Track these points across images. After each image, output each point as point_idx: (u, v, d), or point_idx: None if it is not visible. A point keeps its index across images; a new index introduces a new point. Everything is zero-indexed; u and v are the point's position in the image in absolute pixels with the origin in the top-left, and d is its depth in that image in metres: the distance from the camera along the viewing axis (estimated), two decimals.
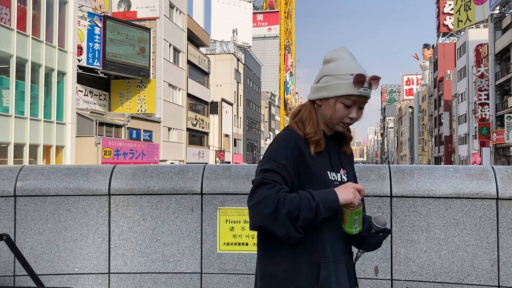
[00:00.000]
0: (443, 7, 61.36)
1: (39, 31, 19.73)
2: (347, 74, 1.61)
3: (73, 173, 3.06)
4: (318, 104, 1.69)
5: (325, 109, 1.67)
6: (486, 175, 2.83)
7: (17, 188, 3.00)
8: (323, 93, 1.66)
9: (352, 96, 1.61)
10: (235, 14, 60.79)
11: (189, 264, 2.92)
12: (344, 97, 1.62)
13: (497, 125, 38.87)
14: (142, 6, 31.01)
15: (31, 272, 2.36)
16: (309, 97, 1.73)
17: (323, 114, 1.68)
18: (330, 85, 1.64)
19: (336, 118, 1.65)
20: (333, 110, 1.64)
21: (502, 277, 2.77)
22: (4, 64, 18.07)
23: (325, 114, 1.67)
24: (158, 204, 2.96)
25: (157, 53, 30.51)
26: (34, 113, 19.40)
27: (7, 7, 17.96)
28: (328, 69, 1.67)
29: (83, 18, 25.50)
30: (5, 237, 2.28)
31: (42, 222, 2.99)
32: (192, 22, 38.10)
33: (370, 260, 2.86)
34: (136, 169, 3.08)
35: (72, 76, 22.01)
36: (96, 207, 2.99)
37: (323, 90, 1.66)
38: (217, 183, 2.92)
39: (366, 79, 1.60)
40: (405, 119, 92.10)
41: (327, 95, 1.64)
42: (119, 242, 2.97)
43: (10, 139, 18.00)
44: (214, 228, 2.92)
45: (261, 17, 77.93)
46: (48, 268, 2.97)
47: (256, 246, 2.96)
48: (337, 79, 1.63)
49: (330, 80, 1.64)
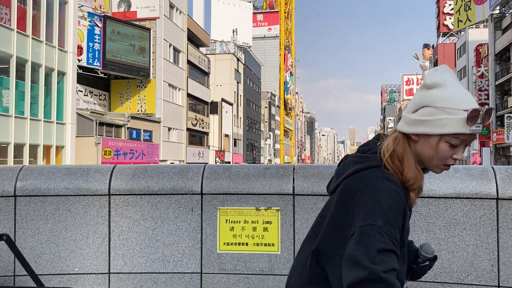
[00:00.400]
0: (443, 7, 61.33)
1: (39, 31, 19.74)
2: (459, 109, 1.29)
3: (73, 173, 3.06)
4: (414, 140, 1.37)
5: (424, 147, 1.36)
6: (486, 175, 2.83)
7: (17, 188, 3.00)
8: (424, 129, 1.34)
9: (462, 135, 1.31)
10: (235, 14, 60.78)
11: (189, 264, 2.92)
12: (452, 135, 1.31)
13: (497, 125, 38.89)
14: (142, 6, 31.01)
15: (31, 272, 2.36)
16: (402, 129, 1.39)
17: (420, 152, 1.37)
18: (435, 120, 1.32)
19: (438, 160, 1.35)
20: (436, 151, 1.34)
21: (502, 277, 2.77)
22: (4, 64, 18.07)
23: (423, 153, 1.36)
24: (158, 204, 2.96)
25: (157, 53, 30.52)
26: (34, 113, 19.40)
27: (7, 7, 17.95)
28: (432, 98, 1.33)
29: (83, 18, 25.50)
30: (5, 237, 2.28)
31: (42, 222, 2.99)
32: (192, 22, 38.10)
33: None
34: (136, 169, 3.08)
35: (72, 76, 22.01)
36: (96, 207, 2.99)
37: (424, 125, 1.34)
38: (217, 183, 2.92)
39: (480, 114, 1.29)
40: None
41: (430, 132, 1.33)
42: (119, 242, 2.97)
43: (10, 139, 18.00)
44: (214, 228, 2.92)
45: (261, 17, 77.92)
46: (48, 268, 2.97)
47: (256, 246, 2.97)
48: (444, 113, 1.31)
49: (435, 114, 1.32)
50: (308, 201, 2.81)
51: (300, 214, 2.82)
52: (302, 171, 2.89)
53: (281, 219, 2.84)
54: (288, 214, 2.83)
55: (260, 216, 2.85)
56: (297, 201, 2.82)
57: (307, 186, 2.80)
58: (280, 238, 2.84)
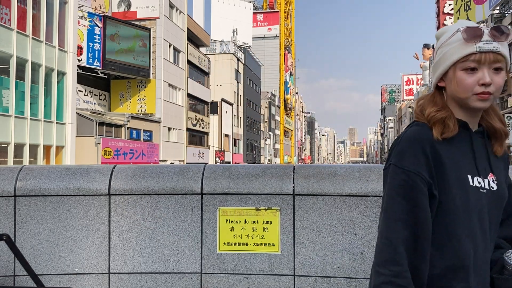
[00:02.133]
0: (443, 7, 61.36)
1: (39, 31, 19.74)
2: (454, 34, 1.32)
3: (73, 173, 3.06)
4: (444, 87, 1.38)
5: (450, 86, 1.34)
6: None
7: (17, 188, 3.00)
8: (439, 69, 1.36)
9: (471, 56, 1.28)
10: (235, 14, 60.78)
11: (189, 264, 2.92)
12: (461, 60, 1.29)
13: None
14: (142, 6, 31.01)
15: (31, 272, 2.36)
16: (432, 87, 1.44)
17: (451, 93, 1.35)
18: (443, 55, 1.34)
19: (465, 90, 1.29)
20: (457, 82, 1.31)
21: None
22: (4, 64, 18.07)
23: (452, 92, 1.34)
24: (158, 204, 2.96)
25: (157, 53, 30.52)
26: (34, 113, 19.40)
27: (7, 7, 17.95)
28: (438, 43, 1.39)
29: (83, 18, 25.50)
30: (5, 237, 2.28)
31: (42, 222, 2.99)
32: (192, 22, 38.10)
33: (370, 260, 2.86)
34: (136, 169, 3.08)
35: (72, 76, 22.01)
36: (96, 207, 2.99)
37: (438, 66, 1.36)
38: (217, 183, 2.92)
39: (482, 32, 1.27)
40: (405, 119, 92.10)
41: (443, 68, 1.34)
42: (119, 242, 2.97)
43: (10, 139, 18.00)
44: (214, 228, 2.92)
45: (261, 17, 77.93)
46: (48, 268, 2.97)
47: (256, 246, 2.97)
48: (447, 46, 1.34)
49: (442, 51, 1.35)
50: (308, 201, 2.81)
51: (300, 214, 2.82)
52: (302, 171, 2.89)
53: (281, 219, 2.84)
54: (288, 214, 2.83)
55: (260, 216, 2.85)
56: (297, 201, 2.82)
57: (307, 186, 2.80)
58: (280, 238, 2.84)
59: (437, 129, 1.30)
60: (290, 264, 2.81)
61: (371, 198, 2.84)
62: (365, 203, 2.76)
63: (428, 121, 1.32)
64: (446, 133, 1.30)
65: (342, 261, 2.76)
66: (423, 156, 1.26)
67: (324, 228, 2.78)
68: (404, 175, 1.25)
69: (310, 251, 2.79)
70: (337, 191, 2.75)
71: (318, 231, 2.78)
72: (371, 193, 2.84)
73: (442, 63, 1.34)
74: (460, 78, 1.30)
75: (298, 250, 2.80)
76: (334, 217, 2.77)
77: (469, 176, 1.30)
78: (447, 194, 1.27)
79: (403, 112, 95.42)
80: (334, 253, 2.76)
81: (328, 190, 2.75)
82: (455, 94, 1.32)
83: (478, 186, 1.30)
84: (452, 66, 1.31)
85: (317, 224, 2.78)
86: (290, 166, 2.95)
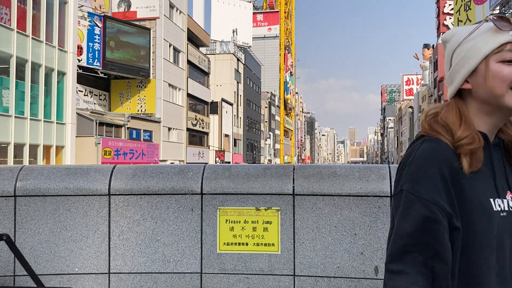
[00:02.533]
0: (443, 7, 61.35)
1: (39, 31, 19.74)
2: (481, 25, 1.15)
3: (73, 173, 3.06)
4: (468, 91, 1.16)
5: (479, 85, 1.14)
6: None
7: (17, 188, 3.00)
8: (465, 67, 1.15)
9: (508, 44, 1.11)
10: (235, 14, 60.78)
11: (189, 264, 2.92)
12: (496, 51, 1.11)
13: None
14: (142, 6, 31.01)
15: (31, 272, 2.36)
16: (451, 91, 1.21)
17: (480, 94, 1.14)
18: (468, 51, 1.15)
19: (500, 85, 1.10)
20: (490, 77, 1.11)
21: None
22: (4, 64, 18.07)
23: (482, 92, 1.13)
24: (158, 204, 2.96)
25: (157, 53, 30.52)
26: (34, 113, 19.40)
27: (7, 7, 17.95)
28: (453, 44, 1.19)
29: (83, 18, 25.50)
30: (5, 237, 2.28)
31: (42, 222, 2.99)
32: (192, 22, 38.10)
33: (370, 260, 2.86)
34: (136, 169, 3.08)
35: (72, 76, 22.01)
36: (96, 207, 2.99)
37: (463, 65, 1.15)
38: (217, 183, 2.92)
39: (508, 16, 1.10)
40: (405, 119, 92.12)
41: (472, 64, 1.14)
42: (119, 242, 2.97)
43: (10, 139, 18.00)
44: (214, 228, 2.92)
45: (261, 17, 77.94)
46: (48, 268, 2.97)
47: (256, 246, 2.97)
48: (471, 40, 1.15)
49: (464, 48, 1.16)
50: (308, 201, 2.81)
51: (300, 214, 2.82)
52: (302, 171, 2.89)
53: (281, 219, 2.84)
54: (288, 214, 2.83)
55: (260, 216, 2.85)
56: (297, 201, 2.82)
57: (307, 186, 2.80)
58: (280, 238, 2.84)
59: (468, 161, 1.08)
60: (290, 264, 2.81)
61: (371, 198, 2.84)
62: (365, 203, 2.76)
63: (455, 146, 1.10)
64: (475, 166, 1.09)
65: (342, 261, 2.76)
66: (441, 181, 1.06)
67: (324, 228, 2.78)
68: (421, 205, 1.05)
69: (310, 251, 2.79)
70: (337, 191, 2.75)
71: (318, 231, 2.78)
72: (371, 193, 2.84)
73: (468, 60, 1.14)
74: (496, 70, 1.10)
75: (298, 250, 2.80)
76: (334, 217, 2.77)
77: (491, 200, 1.11)
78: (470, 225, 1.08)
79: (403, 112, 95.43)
80: (334, 253, 2.76)
81: (328, 190, 2.75)
82: (489, 92, 1.12)
83: (499, 210, 1.11)
84: (483, 61, 1.12)
85: (317, 224, 2.78)
86: (290, 166, 2.95)
